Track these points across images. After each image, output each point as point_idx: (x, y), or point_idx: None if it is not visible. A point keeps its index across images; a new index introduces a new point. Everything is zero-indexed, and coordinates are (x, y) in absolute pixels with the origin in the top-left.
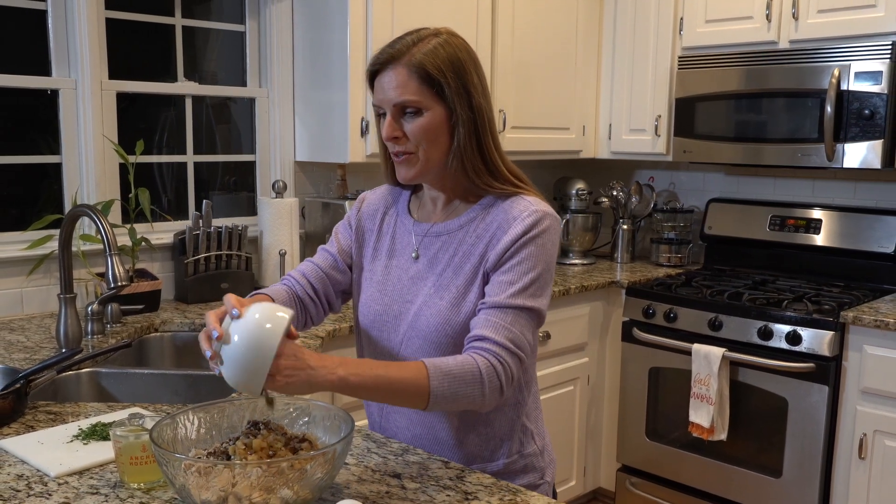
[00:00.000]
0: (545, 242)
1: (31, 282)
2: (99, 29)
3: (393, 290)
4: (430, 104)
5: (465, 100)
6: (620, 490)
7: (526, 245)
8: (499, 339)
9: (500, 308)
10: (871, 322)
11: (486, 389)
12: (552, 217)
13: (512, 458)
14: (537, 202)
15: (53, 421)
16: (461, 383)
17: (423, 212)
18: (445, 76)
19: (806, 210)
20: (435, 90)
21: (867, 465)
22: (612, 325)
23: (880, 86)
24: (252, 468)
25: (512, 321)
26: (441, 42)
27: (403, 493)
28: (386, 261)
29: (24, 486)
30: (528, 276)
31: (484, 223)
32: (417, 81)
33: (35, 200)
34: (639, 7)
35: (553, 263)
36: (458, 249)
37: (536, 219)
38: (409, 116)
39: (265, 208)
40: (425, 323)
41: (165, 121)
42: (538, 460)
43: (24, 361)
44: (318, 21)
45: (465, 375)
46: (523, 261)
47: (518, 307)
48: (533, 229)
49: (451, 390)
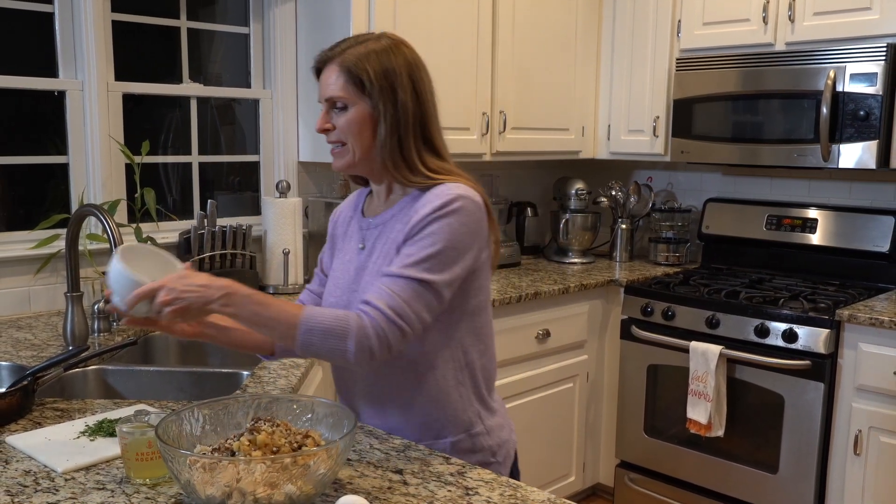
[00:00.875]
0: (452, 221)
1: (39, 280)
2: (105, 31)
3: (343, 283)
4: (355, 100)
5: (390, 97)
6: (619, 486)
7: (431, 222)
8: (380, 304)
9: (391, 276)
10: (867, 320)
11: (353, 348)
12: (468, 199)
13: (458, 437)
14: (458, 186)
15: (60, 418)
16: (329, 335)
17: (371, 206)
18: (369, 75)
19: (802, 210)
20: (359, 88)
21: (862, 461)
22: (610, 323)
23: (875, 87)
24: (256, 464)
25: (400, 290)
26: (378, 46)
27: (405, 488)
28: (342, 257)
29: (32, 482)
30: (426, 251)
31: (411, 210)
32: (344, 79)
33: (42, 200)
34: (637, 10)
35: (464, 244)
36: (388, 237)
37: (448, 199)
38: (337, 111)
39: (269, 208)
40: None
41: (171, 122)
42: (486, 439)
43: (31, 359)
44: (321, 23)
45: (334, 329)
46: (426, 236)
47: (409, 277)
48: (442, 208)
49: (319, 340)
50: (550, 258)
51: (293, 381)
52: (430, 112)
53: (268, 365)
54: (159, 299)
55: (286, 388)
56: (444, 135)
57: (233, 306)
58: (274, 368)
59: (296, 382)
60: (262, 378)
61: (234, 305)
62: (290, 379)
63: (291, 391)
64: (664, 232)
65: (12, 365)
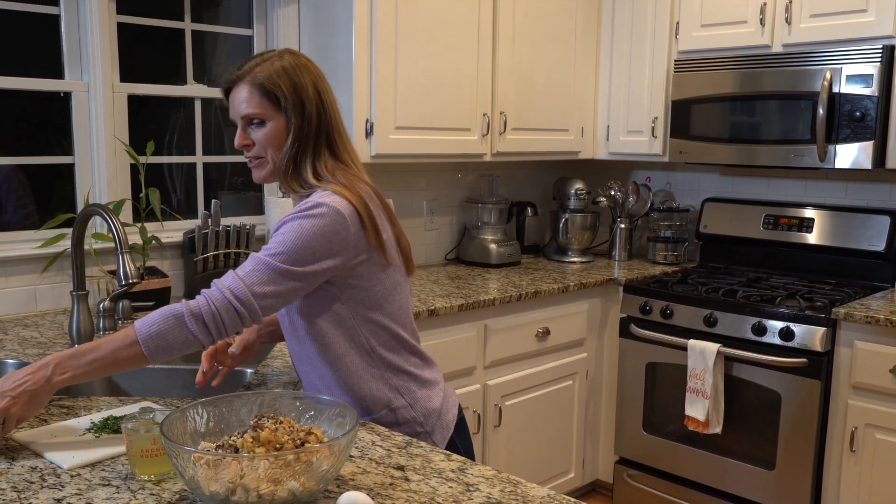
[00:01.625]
0: (305, 223)
1: (45, 279)
2: (111, 33)
3: None
4: (271, 115)
5: (299, 111)
6: (618, 482)
7: (287, 222)
8: (216, 282)
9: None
10: (862, 318)
11: (192, 326)
12: (328, 207)
13: (380, 413)
14: (327, 195)
15: (66, 415)
16: (164, 326)
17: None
18: (281, 90)
19: (798, 209)
20: (274, 103)
21: (858, 457)
22: (609, 322)
23: (871, 88)
24: (260, 461)
25: (242, 271)
26: (282, 62)
27: (407, 484)
28: None
29: (38, 478)
30: (275, 241)
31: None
32: (259, 96)
33: (48, 200)
34: (636, 12)
35: (318, 246)
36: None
37: (309, 205)
38: (255, 127)
39: (272, 207)
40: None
41: (175, 122)
42: (409, 411)
43: (37, 357)
44: (324, 25)
45: (166, 319)
46: (279, 234)
47: (254, 258)
48: (300, 212)
49: (159, 335)
50: (550, 257)
51: (296, 379)
52: (335, 120)
53: (270, 363)
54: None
55: (289, 385)
56: (446, 136)
57: (69, 370)
58: (277, 366)
59: (298, 380)
60: (265, 375)
61: (69, 369)
62: (293, 376)
63: (294, 388)
64: (662, 231)
65: (19, 363)
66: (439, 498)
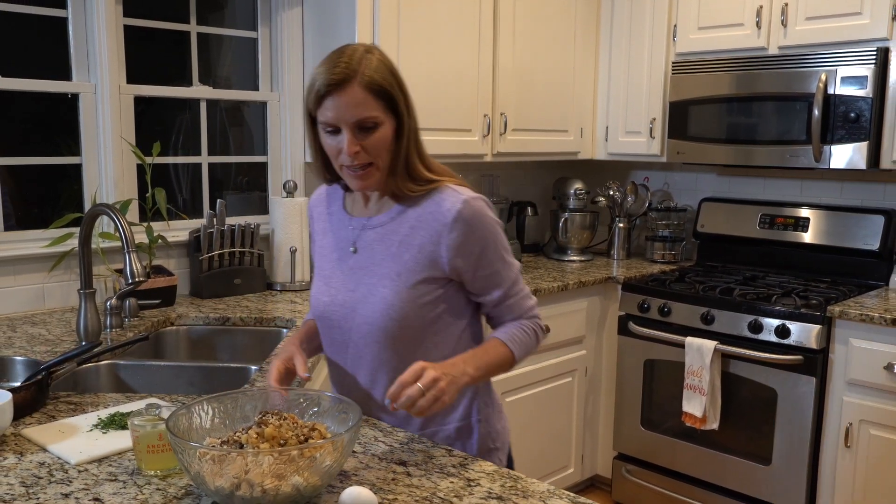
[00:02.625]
0: (488, 223)
1: (53, 278)
2: (117, 35)
3: (337, 282)
4: (384, 118)
5: (409, 110)
6: (617, 477)
7: (481, 238)
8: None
9: (506, 295)
10: (857, 316)
11: (539, 339)
12: (478, 200)
13: (461, 424)
14: (462, 190)
15: (74, 411)
16: (529, 346)
17: (357, 207)
18: (395, 88)
19: (794, 209)
20: (387, 103)
21: (853, 453)
22: (608, 319)
23: (865, 90)
24: (264, 456)
25: (517, 291)
26: (378, 58)
27: (409, 479)
28: (329, 256)
29: (46, 473)
30: (498, 260)
31: (415, 213)
32: (373, 98)
33: (56, 200)
34: (634, 15)
35: (499, 230)
36: (393, 239)
37: (471, 212)
38: (366, 131)
39: (277, 207)
40: (370, 310)
41: (181, 123)
42: (485, 426)
43: (45, 354)
44: (327, 28)
45: (530, 339)
46: (485, 251)
47: (514, 280)
48: (473, 222)
49: (525, 352)
50: (550, 256)
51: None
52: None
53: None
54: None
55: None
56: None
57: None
58: None
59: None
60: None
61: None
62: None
63: (298, 384)
64: (660, 230)
65: (27, 360)
66: (441, 493)
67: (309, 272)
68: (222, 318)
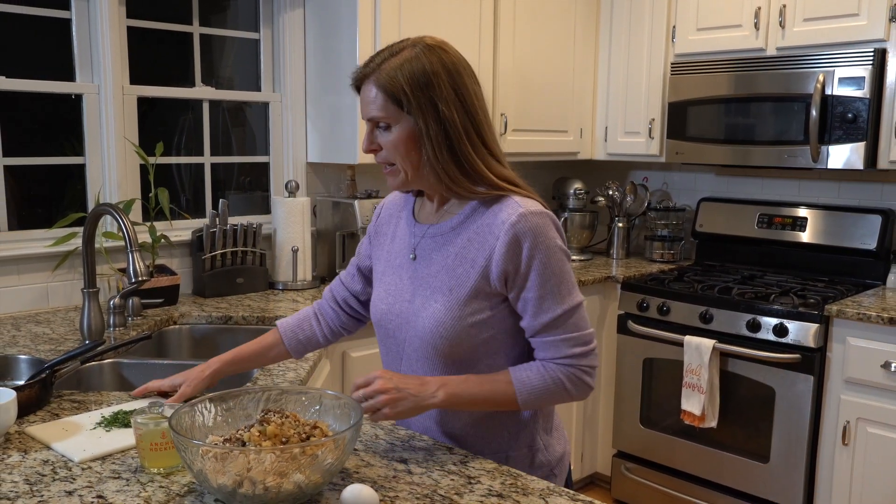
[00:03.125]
0: (545, 242)
1: (57, 277)
2: (121, 36)
3: (395, 290)
4: (396, 119)
5: (432, 113)
6: (616, 475)
7: (532, 256)
8: (566, 352)
9: (548, 328)
10: (854, 315)
11: (574, 390)
12: (539, 215)
13: (520, 452)
14: (524, 202)
15: (77, 409)
16: (546, 392)
17: (423, 213)
18: (405, 93)
19: (792, 209)
20: (398, 106)
21: (850, 451)
22: (608, 318)
23: (863, 90)
24: (266, 454)
25: (564, 329)
26: (411, 56)
27: (410, 477)
28: (392, 262)
29: (50, 471)
30: (549, 285)
31: (475, 225)
32: (383, 99)
33: (60, 199)
34: (633, 16)
35: (562, 255)
36: (450, 251)
37: (524, 226)
38: (381, 131)
39: (278, 207)
40: (422, 324)
41: (184, 124)
42: (544, 454)
43: (49, 352)
44: (329, 29)
45: (547, 386)
46: (536, 272)
47: (560, 316)
48: (525, 237)
49: (540, 398)
50: None
51: (302, 374)
52: (479, 117)
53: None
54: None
55: (295, 380)
56: None
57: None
58: (283, 362)
59: (304, 375)
60: (271, 371)
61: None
62: (299, 372)
63: (300, 384)
64: (659, 230)
65: (31, 358)
66: (441, 490)
67: (311, 271)
68: (224, 317)
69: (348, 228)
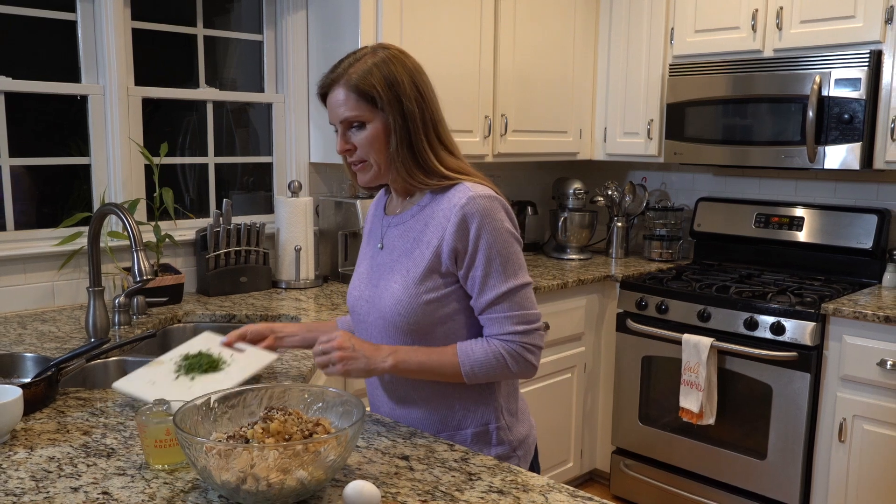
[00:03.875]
0: (493, 224)
1: (62, 276)
2: (126, 38)
3: (366, 277)
4: (370, 117)
5: (398, 108)
6: (615, 471)
7: (479, 237)
8: (508, 329)
9: (493, 305)
10: (850, 313)
11: (516, 368)
12: (487, 198)
13: (479, 429)
14: (474, 186)
15: (83, 406)
16: (489, 367)
17: (391, 206)
18: (376, 89)
19: (789, 208)
20: (371, 104)
21: (846, 447)
22: (607, 317)
23: (859, 92)
24: (269, 451)
25: (509, 307)
26: (376, 60)
27: (411, 473)
28: (366, 253)
29: (55, 468)
30: (495, 263)
31: (431, 210)
32: (355, 98)
33: (66, 199)
34: (632, 18)
35: (508, 236)
36: (408, 236)
37: (472, 208)
38: (355, 130)
39: (281, 207)
40: (383, 304)
41: (188, 125)
42: (506, 434)
43: (55, 350)
44: (331, 32)
45: (490, 360)
46: (482, 251)
47: (504, 293)
48: (473, 219)
49: (483, 372)
50: (549, 255)
51: (304, 372)
52: (437, 114)
53: (280, 356)
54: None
55: (297, 378)
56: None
57: (402, 363)
58: (286, 360)
59: (307, 373)
60: (274, 369)
61: (403, 363)
62: (302, 369)
63: (303, 381)
64: (658, 230)
65: (37, 356)
66: (443, 487)
67: (313, 270)
68: (228, 316)
69: (350, 228)
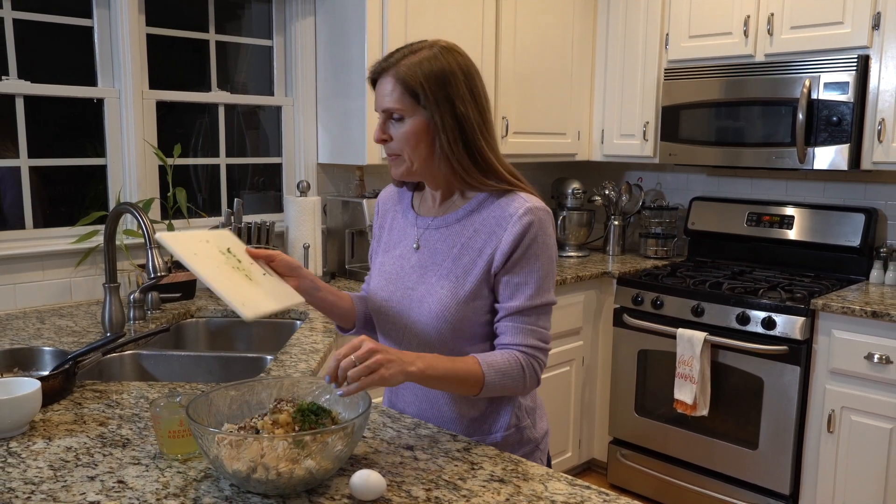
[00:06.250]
0: (544, 239)
1: (79, 272)
2: (140, 43)
3: (397, 279)
4: (410, 112)
5: (448, 108)
6: (612, 461)
7: (529, 246)
8: (530, 342)
9: (521, 313)
10: (839, 309)
11: (527, 382)
12: (544, 212)
13: (509, 431)
14: (530, 198)
15: (99, 398)
16: (508, 378)
17: (425, 207)
18: (423, 87)
19: (780, 207)
20: (415, 100)
21: (835, 438)
22: (604, 312)
23: (847, 95)
24: (279, 441)
25: (534, 321)
26: (430, 55)
27: (416, 463)
28: (392, 252)
29: (73, 458)
30: (535, 276)
31: (480, 217)
32: (400, 91)
33: (83, 199)
34: (628, 24)
35: (553, 254)
36: (456, 241)
37: (531, 218)
38: (394, 122)
39: (291, 206)
40: (427, 309)
41: (200, 127)
42: (532, 432)
43: (72, 344)
44: (339, 37)
45: (511, 371)
46: (528, 261)
47: (535, 307)
48: (531, 229)
49: (501, 383)
50: None
51: (313, 365)
52: (488, 116)
53: (289, 350)
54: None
55: (306, 370)
56: None
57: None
58: (295, 353)
59: (315, 366)
60: (284, 362)
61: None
62: (310, 363)
63: (311, 374)
64: (653, 228)
65: (55, 350)
66: (446, 476)
67: (321, 267)
68: None
69: (357, 226)
